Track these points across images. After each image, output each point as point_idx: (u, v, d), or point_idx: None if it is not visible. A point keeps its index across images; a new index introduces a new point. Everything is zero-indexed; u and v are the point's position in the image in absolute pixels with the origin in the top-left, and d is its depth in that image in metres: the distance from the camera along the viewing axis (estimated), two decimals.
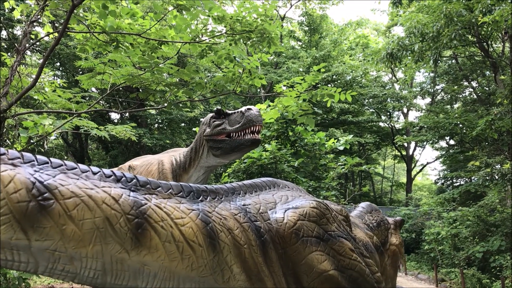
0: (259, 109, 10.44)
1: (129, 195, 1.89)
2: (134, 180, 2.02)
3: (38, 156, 1.79)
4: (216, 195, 2.36)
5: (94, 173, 1.90)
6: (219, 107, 5.16)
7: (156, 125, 28.94)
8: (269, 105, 9.70)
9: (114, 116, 28.23)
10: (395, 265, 5.04)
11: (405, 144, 34.51)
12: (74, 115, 6.26)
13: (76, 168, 1.86)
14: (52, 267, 1.73)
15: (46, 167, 1.77)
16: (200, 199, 2.24)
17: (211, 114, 5.31)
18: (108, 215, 1.77)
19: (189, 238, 2.00)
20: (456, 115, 21.55)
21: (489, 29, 15.94)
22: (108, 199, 1.81)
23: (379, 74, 34.77)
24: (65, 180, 1.75)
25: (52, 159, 1.82)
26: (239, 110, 5.02)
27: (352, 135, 15.63)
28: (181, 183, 2.24)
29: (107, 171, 1.96)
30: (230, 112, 5.12)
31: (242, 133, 4.92)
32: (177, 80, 6.45)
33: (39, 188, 1.64)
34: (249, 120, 4.85)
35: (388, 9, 31.09)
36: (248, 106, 4.94)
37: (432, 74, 30.66)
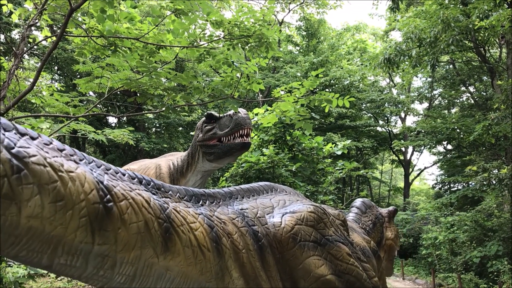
0: (257, 113, 10.47)
1: (154, 199, 1.85)
2: (152, 183, 1.98)
3: (84, 154, 1.71)
4: (214, 199, 2.36)
5: (123, 175, 1.84)
6: (210, 112, 5.16)
7: (153, 129, 28.93)
8: (267, 110, 9.70)
9: (112, 120, 28.22)
10: (392, 258, 5.05)
11: (403, 149, 34.55)
12: (72, 119, 6.25)
13: (111, 168, 1.79)
14: (95, 273, 1.65)
15: (93, 166, 1.69)
16: (200, 203, 2.23)
17: (203, 119, 5.32)
18: (147, 219, 1.73)
19: (201, 243, 1.98)
20: (454, 120, 21.62)
21: (486, 34, 16.02)
22: (144, 202, 1.76)
23: (377, 79, 34.85)
24: (112, 181, 1.69)
25: (93, 158, 1.74)
26: (228, 113, 5.02)
27: (350, 140, 15.63)
28: (183, 187, 2.23)
29: (130, 172, 1.91)
30: (220, 116, 5.13)
31: (232, 137, 4.92)
32: (175, 84, 6.45)
33: (103, 189, 1.58)
34: (237, 123, 4.86)
35: (385, 14, 31.19)
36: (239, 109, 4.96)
37: (429, 79, 30.74)
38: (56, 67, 24.47)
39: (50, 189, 1.39)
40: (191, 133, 17.65)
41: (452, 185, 30.37)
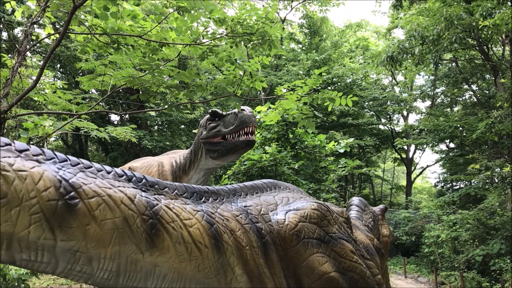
0: (260, 111, 10.45)
1: (141, 195, 1.88)
2: (144, 180, 2.01)
3: (57, 153, 1.76)
4: (217, 196, 2.36)
5: (108, 172, 1.88)
6: (215, 109, 5.16)
7: (156, 127, 28.94)
8: (270, 108, 9.70)
9: (114, 117, 28.25)
10: (386, 255, 5.10)
11: (405, 147, 34.52)
12: (74, 117, 6.26)
13: (92, 166, 1.83)
14: (70, 268, 1.70)
15: (66, 164, 1.74)
16: (202, 200, 2.23)
17: (207, 116, 5.32)
18: (126, 215, 1.75)
19: (197, 239, 1.99)
20: (456, 118, 21.55)
21: (489, 32, 15.96)
22: (125, 199, 1.78)
23: (379, 77, 34.80)
24: (85, 178, 1.72)
25: (70, 157, 1.79)
26: (233, 111, 5.02)
27: (352, 138, 15.60)
28: (184, 184, 2.24)
29: (119, 170, 1.94)
30: (224, 113, 5.13)
31: (236, 135, 4.92)
32: (178, 82, 6.45)
33: (66, 186, 1.61)
34: (242, 121, 4.85)
35: (388, 11, 31.13)
36: (242, 107, 4.94)
37: (432, 77, 30.65)
38: (58, 65, 24.50)
39: None
40: (194, 131, 17.67)
41: (454, 184, 30.34)
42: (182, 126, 28.66)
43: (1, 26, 16.05)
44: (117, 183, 1.84)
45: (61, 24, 20.45)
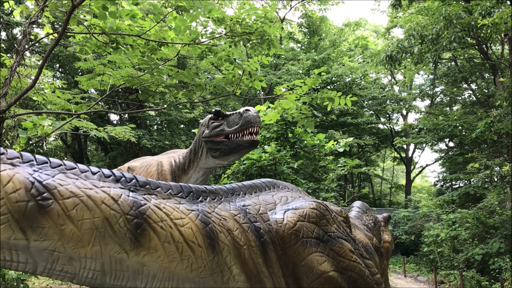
0: (259, 111, 10.45)
1: (128, 195, 1.88)
2: (134, 181, 2.01)
3: (38, 156, 1.78)
4: (215, 195, 2.36)
5: (93, 173, 1.89)
6: (218, 108, 5.15)
7: (155, 126, 28.95)
8: (269, 107, 9.69)
9: (113, 117, 28.24)
10: (387, 260, 5.13)
11: (404, 146, 34.54)
12: (74, 116, 6.25)
13: (75, 168, 1.84)
14: (51, 268, 1.72)
15: (45, 167, 1.76)
16: (199, 199, 2.23)
17: (209, 116, 5.31)
18: (107, 215, 1.76)
19: (189, 238, 1.99)
20: (456, 117, 21.57)
21: (489, 31, 15.96)
22: (107, 199, 1.79)
23: (379, 76, 34.81)
24: (64, 180, 1.74)
25: (51, 159, 1.81)
26: (238, 111, 5.01)
27: (352, 137, 15.61)
28: (180, 183, 2.23)
29: (106, 171, 1.95)
30: (228, 113, 5.12)
31: (240, 134, 4.91)
32: (177, 81, 6.45)
33: (38, 188, 1.63)
34: (247, 121, 4.85)
35: (387, 10, 31.13)
36: (246, 107, 4.93)
37: (431, 76, 30.68)
38: (57, 65, 24.50)
39: None
40: (193, 130, 17.67)
41: (454, 183, 30.36)
42: (181, 126, 28.66)
43: (0, 25, 16.03)
44: (101, 183, 1.85)
45: (59, 23, 20.43)
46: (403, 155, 35.69)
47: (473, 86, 27.32)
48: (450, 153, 29.11)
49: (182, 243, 1.96)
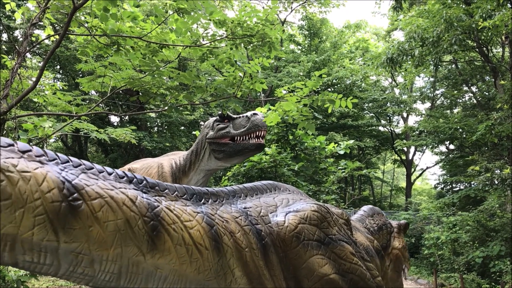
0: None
1: (143, 197, 1.86)
2: (145, 182, 1.99)
3: (59, 154, 1.74)
4: (217, 198, 2.35)
5: (109, 174, 1.86)
6: (225, 111, 5.17)
7: (155, 128, 28.95)
8: (270, 109, 9.70)
9: (114, 119, 28.25)
10: (398, 269, 4.99)
11: (405, 149, 34.52)
12: (74, 118, 6.25)
13: (93, 168, 1.82)
14: (73, 270, 1.68)
15: (68, 166, 1.72)
16: (202, 201, 2.22)
17: (214, 118, 5.33)
18: (128, 217, 1.74)
19: (197, 241, 1.97)
20: (456, 120, 21.56)
21: (489, 34, 15.98)
22: (127, 200, 1.77)
23: (379, 78, 34.80)
24: (87, 180, 1.71)
25: (71, 158, 1.77)
26: (245, 114, 5.03)
27: (352, 140, 15.60)
28: (183, 185, 2.23)
29: (119, 171, 1.92)
30: (234, 116, 5.14)
31: (247, 137, 4.93)
32: (178, 83, 6.45)
33: (69, 188, 1.60)
34: (255, 124, 4.87)
35: (388, 13, 31.14)
36: (254, 111, 4.96)
37: (432, 79, 30.69)
38: (58, 66, 24.50)
39: None
40: (193, 132, 17.68)
41: (454, 185, 30.33)
42: (182, 128, 28.66)
43: (1, 27, 16.05)
44: (119, 184, 1.82)
45: (61, 25, 20.46)
46: (404, 157, 35.67)
47: (474, 88, 27.32)
48: (450, 155, 29.10)
49: (191, 245, 1.95)
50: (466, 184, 26.41)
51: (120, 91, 7.70)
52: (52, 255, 1.59)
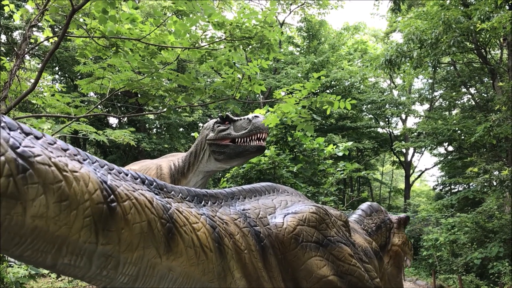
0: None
1: (157, 199, 1.84)
2: (155, 183, 1.97)
3: (87, 153, 1.70)
4: (216, 199, 2.35)
5: (126, 175, 1.83)
6: (227, 113, 5.18)
7: (154, 130, 28.94)
8: (268, 111, 9.70)
9: (113, 120, 28.23)
10: (399, 265, 4.97)
11: (404, 150, 34.51)
12: (73, 120, 6.25)
13: (114, 168, 1.78)
14: (99, 273, 1.63)
15: (97, 166, 1.68)
16: (202, 203, 2.22)
17: (214, 120, 5.34)
18: (149, 219, 1.72)
19: (204, 243, 1.97)
20: (455, 121, 21.58)
21: (487, 36, 16.01)
22: (147, 202, 1.75)
23: (378, 80, 34.84)
24: (115, 181, 1.67)
25: (96, 158, 1.73)
26: (246, 116, 5.04)
27: (351, 142, 15.61)
28: (185, 187, 2.23)
29: (133, 172, 1.90)
30: (235, 118, 5.15)
31: (248, 139, 4.94)
32: (176, 85, 6.46)
33: (107, 189, 1.57)
34: (256, 127, 4.88)
35: (386, 15, 31.20)
36: (255, 114, 4.98)
37: (430, 81, 30.71)
38: (57, 68, 24.49)
39: (55, 189, 1.38)
40: (192, 134, 17.67)
41: (453, 187, 30.35)
42: (181, 129, 28.65)
43: (0, 29, 16.05)
44: (137, 186, 1.80)
45: (59, 27, 20.45)
46: (402, 159, 35.68)
47: (472, 90, 27.36)
48: (449, 157, 29.10)
49: (199, 247, 1.94)
50: (465, 185, 26.43)
51: (119, 93, 7.70)
52: (87, 258, 1.56)
